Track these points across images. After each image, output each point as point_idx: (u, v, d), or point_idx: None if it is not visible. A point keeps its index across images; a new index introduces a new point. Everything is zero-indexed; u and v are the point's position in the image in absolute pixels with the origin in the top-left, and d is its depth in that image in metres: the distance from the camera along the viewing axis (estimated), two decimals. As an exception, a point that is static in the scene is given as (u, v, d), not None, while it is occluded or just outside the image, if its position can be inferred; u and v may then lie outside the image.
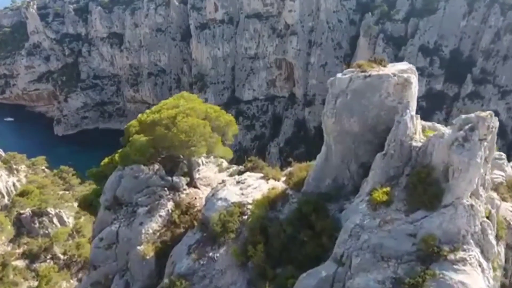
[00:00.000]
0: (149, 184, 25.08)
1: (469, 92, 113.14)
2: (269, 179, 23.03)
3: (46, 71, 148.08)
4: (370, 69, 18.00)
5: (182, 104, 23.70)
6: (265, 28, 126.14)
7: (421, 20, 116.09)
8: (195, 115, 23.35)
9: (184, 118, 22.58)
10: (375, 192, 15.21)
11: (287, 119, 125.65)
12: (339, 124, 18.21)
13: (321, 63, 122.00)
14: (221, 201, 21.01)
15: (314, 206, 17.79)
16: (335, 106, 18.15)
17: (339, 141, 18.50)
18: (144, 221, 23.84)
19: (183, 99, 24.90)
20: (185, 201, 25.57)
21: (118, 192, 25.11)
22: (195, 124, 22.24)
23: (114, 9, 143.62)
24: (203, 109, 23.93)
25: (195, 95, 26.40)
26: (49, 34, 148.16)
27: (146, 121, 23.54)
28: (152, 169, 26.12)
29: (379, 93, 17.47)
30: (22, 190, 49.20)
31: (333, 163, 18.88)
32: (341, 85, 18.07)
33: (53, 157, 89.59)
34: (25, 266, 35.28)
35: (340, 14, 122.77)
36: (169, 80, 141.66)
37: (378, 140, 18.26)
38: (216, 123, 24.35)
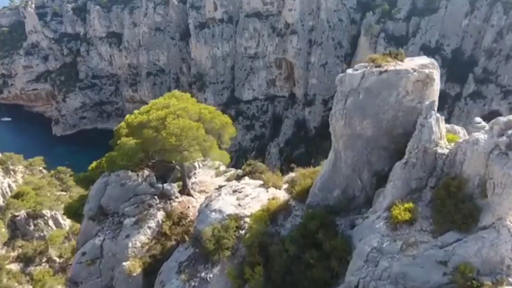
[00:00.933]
0: (137, 192, 22.57)
1: (471, 92, 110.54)
2: (269, 187, 20.54)
3: (45, 70, 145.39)
4: (385, 64, 15.48)
5: (173, 104, 21.20)
6: (265, 27, 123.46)
7: (423, 19, 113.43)
8: (187, 117, 20.87)
9: (175, 119, 20.08)
10: (395, 208, 12.69)
11: (287, 119, 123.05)
12: (349, 127, 15.72)
13: (321, 62, 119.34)
14: (215, 213, 18.52)
15: (321, 222, 15.28)
16: (345, 107, 15.65)
17: (349, 146, 16.02)
18: (131, 234, 21.36)
19: (175, 99, 22.41)
20: (177, 211, 23.08)
21: (103, 201, 22.62)
22: (187, 126, 19.76)
23: (112, 8, 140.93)
24: (196, 109, 21.43)
25: (188, 94, 23.92)
26: (48, 33, 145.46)
27: (134, 123, 21.03)
28: (141, 175, 23.61)
29: (396, 92, 14.97)
30: (18, 191, 47.17)
31: (342, 172, 16.38)
32: (352, 83, 15.55)
33: (51, 158, 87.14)
34: (19, 270, 33.56)
35: (340, 13, 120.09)
36: (168, 79, 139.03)
37: (395, 146, 15.78)
38: (210, 125, 21.86)
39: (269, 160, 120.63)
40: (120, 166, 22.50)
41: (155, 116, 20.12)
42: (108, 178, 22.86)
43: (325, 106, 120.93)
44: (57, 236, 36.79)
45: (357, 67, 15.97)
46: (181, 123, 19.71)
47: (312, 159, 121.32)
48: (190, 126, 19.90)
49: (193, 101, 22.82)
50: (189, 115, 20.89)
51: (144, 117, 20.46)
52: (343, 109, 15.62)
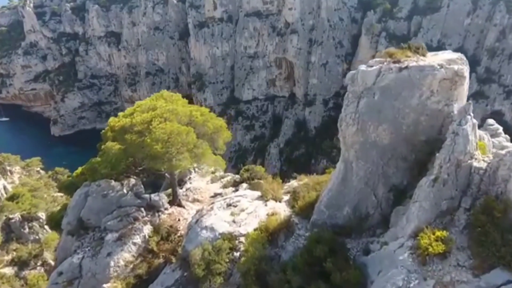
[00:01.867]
0: (121, 203, 19.99)
1: (473, 92, 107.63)
2: (268, 200, 17.97)
3: (43, 70, 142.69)
4: (405, 58, 12.95)
5: (160, 106, 18.62)
6: (265, 27, 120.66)
7: (424, 18, 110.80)
8: (176, 120, 18.29)
9: (161, 123, 17.51)
10: (423, 237, 10.09)
11: (287, 119, 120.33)
12: (362, 133, 13.16)
13: (322, 62, 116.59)
14: (206, 230, 15.94)
15: (329, 246, 12.73)
16: (358, 110, 13.08)
17: (362, 156, 13.46)
18: (114, 251, 18.78)
19: (163, 100, 19.82)
20: (166, 224, 20.50)
21: (83, 214, 20.04)
22: (175, 131, 17.18)
23: (111, 8, 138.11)
24: (187, 112, 18.84)
25: (179, 94, 21.34)
26: (46, 33, 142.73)
27: (116, 127, 18.47)
28: (126, 185, 21.02)
29: (419, 92, 12.39)
30: (13, 193, 45.37)
31: (353, 186, 13.81)
32: (366, 81, 12.98)
33: (49, 158, 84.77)
34: (13, 273, 31.90)
35: (341, 12, 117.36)
36: (167, 79, 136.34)
37: (416, 156, 13.23)
38: (203, 129, 19.27)
39: (269, 161, 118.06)
40: (102, 175, 19.98)
41: (139, 119, 17.55)
42: (89, 188, 20.30)
43: (325, 106, 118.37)
44: (52, 239, 34.80)
45: (372, 62, 13.42)
46: (168, 127, 17.14)
47: (312, 160, 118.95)
48: (178, 130, 17.34)
49: (183, 102, 20.25)
50: (178, 118, 18.32)
51: (126, 121, 17.89)
52: (355, 112, 13.07)
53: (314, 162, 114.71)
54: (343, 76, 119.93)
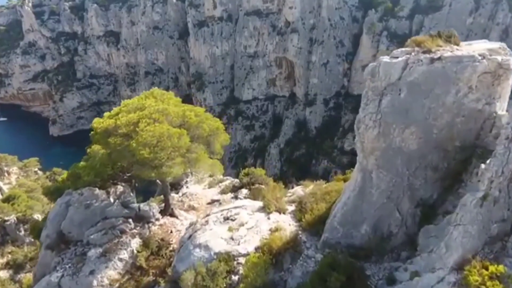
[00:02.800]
0: (106, 214, 17.70)
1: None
2: (271, 212, 15.69)
3: (42, 70, 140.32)
4: (436, 48, 10.69)
5: (149, 105, 16.33)
6: (265, 26, 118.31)
7: (426, 17, 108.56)
8: (167, 121, 16.00)
9: (150, 125, 15.23)
10: (471, 272, 7.83)
11: (287, 119, 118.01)
12: (385, 138, 10.87)
13: (322, 61, 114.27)
14: (199, 249, 13.64)
15: (346, 274, 10.47)
16: (380, 109, 10.77)
17: (384, 164, 11.18)
18: (97, 268, 16.46)
19: (153, 98, 17.53)
20: (157, 237, 18.19)
21: (63, 226, 17.75)
22: (165, 133, 14.89)
23: (110, 7, 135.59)
24: (179, 112, 16.55)
25: (171, 92, 19.07)
26: (45, 32, 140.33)
27: (98, 129, 16.21)
28: (113, 193, 18.74)
29: (455, 88, 10.10)
30: (9, 195, 43.56)
31: (373, 200, 11.54)
32: (390, 75, 10.68)
33: (47, 158, 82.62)
34: (8, 277, 30.83)
35: (342, 11, 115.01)
36: (167, 79, 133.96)
37: (448, 165, 10.97)
38: (197, 132, 16.98)
39: (269, 161, 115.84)
40: (85, 182, 17.71)
41: (124, 120, 15.26)
42: (70, 197, 18.03)
43: (326, 106, 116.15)
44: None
45: (397, 53, 11.14)
46: (157, 129, 14.87)
47: (313, 160, 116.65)
48: (169, 133, 15.06)
49: (176, 101, 17.96)
50: (169, 119, 16.05)
51: (110, 122, 15.61)
52: (376, 112, 10.80)
53: (314, 162, 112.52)
54: (344, 75, 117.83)
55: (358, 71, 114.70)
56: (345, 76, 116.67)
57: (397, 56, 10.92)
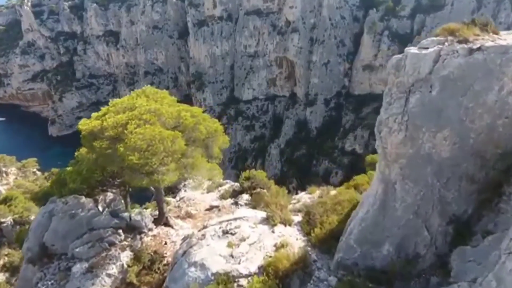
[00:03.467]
0: (94, 225, 15.94)
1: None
2: (275, 224, 13.93)
3: (41, 70, 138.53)
4: (474, 37, 8.96)
5: (140, 105, 14.59)
6: (265, 25, 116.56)
7: (428, 16, 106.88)
8: (160, 122, 14.25)
9: (140, 127, 13.49)
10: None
11: (288, 120, 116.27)
12: (413, 143, 9.10)
13: (323, 61, 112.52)
14: (195, 268, 11.88)
15: (367, 305, 8.70)
16: (407, 110, 9.00)
17: (410, 174, 9.42)
18: (83, 285, 14.68)
19: (144, 97, 15.79)
20: (149, 249, 16.41)
21: (46, 238, 15.99)
22: (157, 136, 13.15)
23: (110, 6, 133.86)
24: (173, 112, 14.79)
25: (165, 91, 17.34)
26: (44, 32, 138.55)
27: (84, 131, 14.47)
28: (102, 201, 17.00)
29: (499, 84, 8.35)
30: (6, 196, 42.06)
31: (397, 215, 9.77)
32: (419, 69, 8.92)
33: (46, 159, 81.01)
34: (4, 280, 29.18)
35: (343, 11, 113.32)
36: (166, 79, 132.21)
37: (487, 175, 9.31)
38: (194, 134, 15.23)
39: (269, 162, 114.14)
40: (71, 189, 15.97)
41: (111, 122, 13.52)
42: (54, 206, 16.28)
43: (327, 106, 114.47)
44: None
45: (426, 43, 9.39)
46: (148, 132, 13.13)
47: (313, 161, 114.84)
48: (161, 136, 13.32)
49: (170, 100, 16.21)
50: (162, 120, 14.30)
51: (96, 124, 13.87)
52: (403, 113, 9.06)
53: (315, 163, 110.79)
54: (345, 75, 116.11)
55: (359, 71, 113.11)
56: (346, 76, 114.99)
57: (427, 47, 9.18)
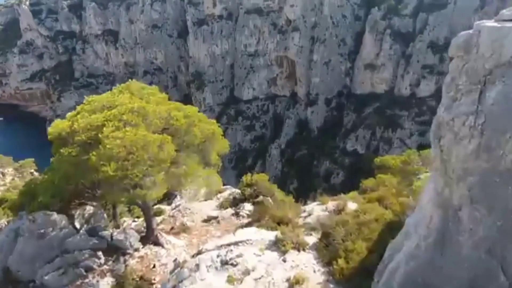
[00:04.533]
0: (67, 247, 13.12)
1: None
2: (287, 250, 11.14)
3: (39, 69, 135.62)
4: None
5: (121, 103, 11.80)
6: (265, 24, 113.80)
7: (431, 15, 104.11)
8: (145, 124, 11.48)
9: (120, 130, 10.71)
10: None
11: (288, 120, 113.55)
12: (490, 154, 6.19)
13: (324, 60, 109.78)
14: (186, 312, 9.14)
15: None
16: (482, 108, 6.23)
17: (483, 198, 6.53)
18: (52, 321, 12.01)
19: (128, 93, 13.02)
20: (135, 274, 13.62)
21: (11, 262, 13.16)
22: (139, 141, 10.35)
23: (109, 5, 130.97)
24: (162, 112, 12.01)
25: (155, 87, 14.61)
26: (42, 31, 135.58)
27: (50, 135, 11.69)
28: (79, 216, 14.22)
29: None
30: (1, 198, 39.43)
31: (461, 253, 6.86)
32: (500, 50, 6.12)
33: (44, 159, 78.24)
34: None
35: (344, 9, 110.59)
36: (166, 78, 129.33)
37: None
38: (187, 138, 12.44)
39: (270, 162, 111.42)
40: (41, 204, 13.20)
41: (83, 124, 10.76)
42: (20, 223, 13.50)
43: (328, 106, 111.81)
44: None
45: (509, 14, 6.65)
46: (128, 136, 10.37)
47: (314, 161, 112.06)
48: (146, 141, 10.56)
49: (160, 97, 13.43)
50: (147, 121, 11.54)
51: (64, 126, 11.11)
52: (476, 113, 6.29)
53: (316, 163, 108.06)
54: (346, 75, 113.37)
55: (361, 70, 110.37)
56: (347, 75, 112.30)
57: (510, 18, 6.41)
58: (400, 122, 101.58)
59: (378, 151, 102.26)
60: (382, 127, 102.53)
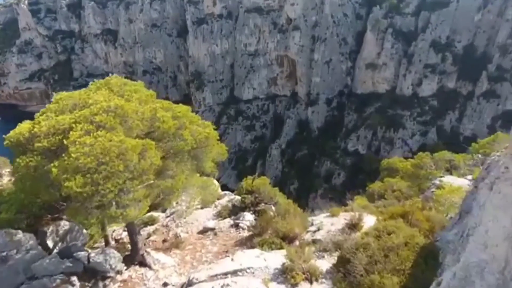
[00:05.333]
0: (35, 271, 10.95)
1: (484, 91, 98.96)
2: (297, 282, 8.95)
3: (38, 69, 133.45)
4: None
5: (95, 101, 9.64)
6: (266, 23, 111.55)
7: (433, 13, 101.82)
8: (124, 127, 9.31)
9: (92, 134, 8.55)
10: None
11: (289, 120, 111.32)
12: None
13: (325, 59, 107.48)
14: None
15: None
16: None
17: None
18: None
19: (107, 90, 10.86)
20: (116, 302, 11.59)
21: (-33, 290, 11.04)
22: (114, 149, 8.17)
23: (108, 4, 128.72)
24: (146, 112, 9.85)
25: (141, 82, 12.47)
26: (41, 30, 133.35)
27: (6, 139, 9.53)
28: (52, 233, 12.08)
29: None
30: None
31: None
32: None
33: (42, 160, 76.15)
34: None
35: (345, 8, 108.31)
36: (165, 78, 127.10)
37: None
38: (176, 143, 10.28)
39: (270, 162, 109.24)
40: (3, 220, 11.05)
41: (45, 127, 8.62)
42: (-21, 243, 11.31)
43: (329, 105, 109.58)
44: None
45: None
46: (100, 142, 8.23)
47: (315, 161, 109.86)
48: (122, 148, 8.42)
49: (145, 95, 11.26)
50: (127, 124, 9.40)
51: (23, 130, 8.97)
52: None
53: (317, 163, 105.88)
54: (347, 74, 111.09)
55: (362, 70, 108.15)
56: (349, 75, 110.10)
57: None
58: (402, 122, 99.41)
59: (380, 152, 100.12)
60: (383, 127, 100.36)
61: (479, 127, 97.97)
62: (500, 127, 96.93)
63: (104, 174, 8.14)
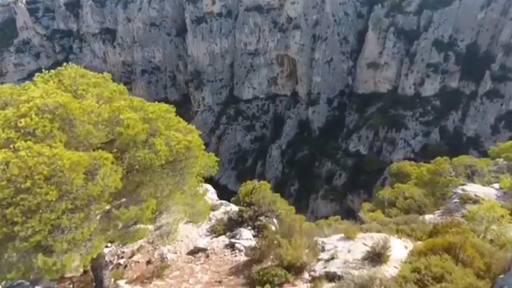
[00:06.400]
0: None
1: (487, 90, 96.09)
2: None
3: (36, 68, 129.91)
4: None
5: (29, 99, 6.72)
6: (266, 22, 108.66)
7: (435, 12, 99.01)
8: (68, 135, 6.40)
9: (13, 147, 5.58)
10: None
11: (289, 120, 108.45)
12: None
13: (326, 59, 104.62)
14: None
15: None
16: None
17: None
18: None
19: (57, 84, 7.96)
20: None
21: None
22: (41, 168, 5.29)
23: (106, 3, 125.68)
24: (103, 113, 6.93)
25: (108, 74, 9.58)
26: (39, 30, 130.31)
27: None
28: None
29: None
30: None
31: None
32: None
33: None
34: None
35: (346, 7, 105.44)
36: (164, 77, 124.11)
37: None
38: (141, 157, 7.33)
39: (270, 163, 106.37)
40: None
41: None
42: None
43: (329, 105, 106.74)
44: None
45: None
46: (18, 160, 5.36)
47: (316, 162, 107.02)
48: (55, 166, 5.54)
49: (106, 91, 8.36)
50: (74, 130, 6.53)
51: None
52: None
53: (317, 164, 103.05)
54: (348, 74, 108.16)
55: (363, 69, 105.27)
56: (350, 74, 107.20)
57: None
58: (404, 122, 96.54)
59: (381, 152, 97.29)
60: (385, 127, 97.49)
61: (482, 127, 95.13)
62: (504, 127, 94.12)
63: (21, 206, 5.28)
